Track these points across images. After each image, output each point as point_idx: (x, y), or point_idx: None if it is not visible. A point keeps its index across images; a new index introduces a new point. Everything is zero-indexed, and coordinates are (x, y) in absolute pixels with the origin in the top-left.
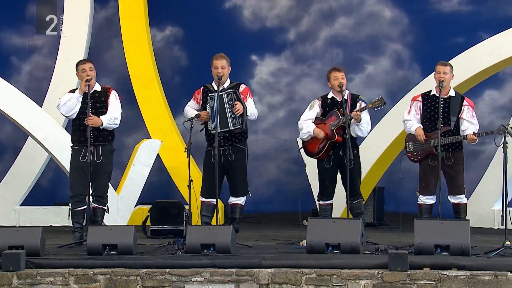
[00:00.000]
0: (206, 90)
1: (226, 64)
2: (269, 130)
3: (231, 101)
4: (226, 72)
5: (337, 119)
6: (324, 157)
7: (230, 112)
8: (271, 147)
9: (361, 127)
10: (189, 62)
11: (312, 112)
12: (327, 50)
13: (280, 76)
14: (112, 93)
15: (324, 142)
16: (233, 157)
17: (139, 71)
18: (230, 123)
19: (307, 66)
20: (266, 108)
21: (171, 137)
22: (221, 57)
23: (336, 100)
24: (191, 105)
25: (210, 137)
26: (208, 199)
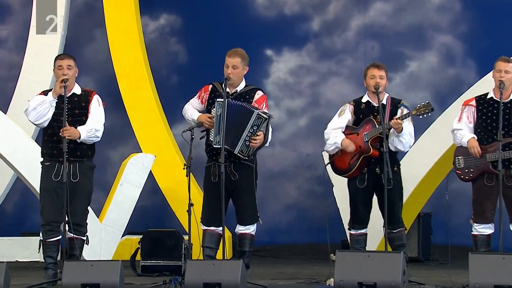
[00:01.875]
0: (214, 90)
1: (240, 63)
2: (288, 142)
3: (256, 127)
4: (239, 73)
5: (372, 129)
6: (356, 175)
7: (247, 137)
8: (291, 163)
9: (402, 139)
10: (189, 58)
11: (342, 119)
12: (359, 43)
13: (301, 75)
14: (94, 98)
15: (357, 157)
16: (237, 176)
17: (127, 69)
18: (238, 147)
19: (335, 63)
20: (284, 115)
21: (166, 150)
22: (234, 53)
23: (372, 105)
24: (193, 104)
25: (211, 150)
26: (212, 228)
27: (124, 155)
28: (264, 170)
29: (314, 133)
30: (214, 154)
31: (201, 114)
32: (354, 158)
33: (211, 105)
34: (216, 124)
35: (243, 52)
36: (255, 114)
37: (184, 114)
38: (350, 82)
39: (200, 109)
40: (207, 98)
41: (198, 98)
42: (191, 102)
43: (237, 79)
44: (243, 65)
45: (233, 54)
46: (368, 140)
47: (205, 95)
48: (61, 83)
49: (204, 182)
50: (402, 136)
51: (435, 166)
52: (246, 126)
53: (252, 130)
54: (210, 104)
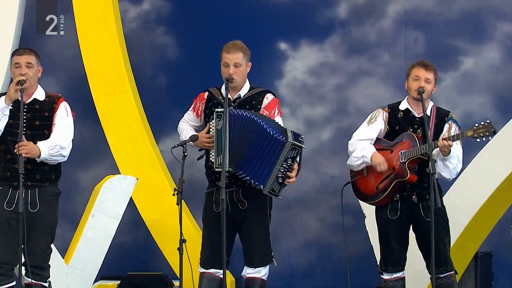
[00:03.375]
0: (211, 98)
1: (242, 58)
2: (308, 161)
3: (290, 161)
4: (243, 72)
5: (412, 147)
6: (386, 202)
7: (280, 172)
8: (311, 188)
9: (449, 164)
10: (180, 53)
11: (372, 128)
12: (399, 34)
13: (324, 76)
14: (61, 106)
15: (389, 180)
16: (246, 205)
17: (102, 67)
18: (269, 185)
19: (367, 60)
20: (302, 126)
21: (151, 171)
22: (234, 47)
23: (412, 114)
24: (188, 119)
25: (213, 173)
26: (212, 270)
27: (97, 178)
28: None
29: (340, 149)
30: (217, 178)
31: (195, 133)
32: (384, 182)
33: (208, 117)
34: (215, 142)
35: (243, 44)
36: (289, 144)
37: (180, 134)
38: (386, 84)
39: (197, 124)
40: (203, 109)
41: (193, 111)
42: (186, 117)
43: (241, 80)
44: (246, 61)
45: (233, 49)
46: (406, 161)
47: (200, 106)
48: (16, 86)
49: (203, 213)
50: (449, 160)
51: (497, 192)
52: (277, 160)
53: (286, 165)
54: (208, 116)
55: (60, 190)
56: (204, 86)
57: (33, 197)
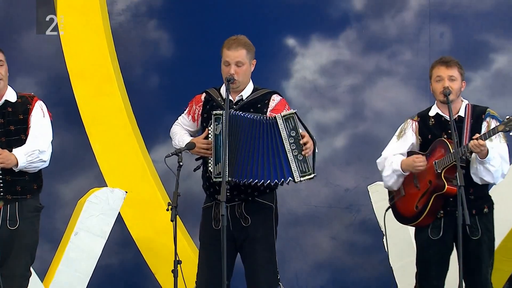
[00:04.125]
0: (210, 100)
1: (245, 56)
2: (319, 172)
3: (294, 132)
4: (246, 71)
5: (446, 154)
6: (428, 222)
7: (295, 151)
8: (323, 203)
9: (489, 166)
10: (175, 49)
11: (402, 143)
12: (422, 29)
13: (337, 75)
14: (36, 106)
15: (427, 196)
16: (250, 221)
17: (86, 66)
18: (297, 173)
19: (387, 57)
20: (313, 133)
21: (142, 183)
22: (236, 43)
23: (444, 119)
24: (183, 124)
25: (212, 184)
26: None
27: (81, 191)
28: (284, 212)
29: (356, 158)
30: (217, 191)
31: (192, 138)
32: (423, 199)
33: (206, 121)
34: (214, 149)
35: (247, 40)
36: (280, 118)
37: (172, 139)
38: (408, 85)
39: (193, 129)
40: (200, 112)
41: (188, 114)
42: (180, 121)
43: (244, 80)
44: (250, 59)
45: (235, 45)
46: (441, 171)
47: (197, 109)
48: None
49: (201, 231)
50: (488, 163)
51: None
52: (282, 142)
53: (293, 140)
54: (206, 120)
55: (42, 204)
56: (202, 87)
57: (12, 212)
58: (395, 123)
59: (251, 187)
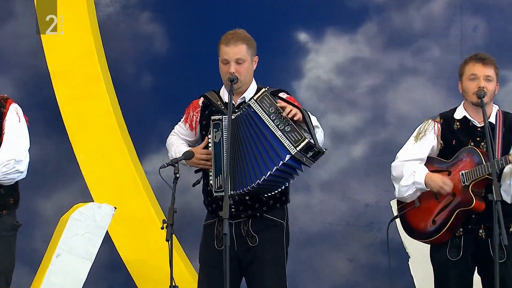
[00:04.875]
0: (208, 105)
1: (246, 52)
2: (335, 185)
3: (273, 108)
4: (248, 69)
5: (476, 165)
6: (446, 239)
7: (282, 126)
8: (339, 220)
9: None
10: (170, 45)
11: (421, 145)
12: (453, 21)
13: (356, 75)
14: (11, 109)
15: (448, 211)
16: (257, 240)
17: (69, 64)
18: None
19: (412, 54)
20: (327, 140)
21: (133, 198)
22: (235, 38)
23: (472, 124)
24: (179, 133)
25: (214, 200)
26: None
27: (63, 207)
28: (296, 230)
29: (377, 169)
30: (220, 207)
31: (190, 149)
32: (443, 213)
33: (206, 129)
34: (213, 159)
35: (246, 34)
36: (254, 103)
37: (168, 150)
38: (436, 86)
39: (191, 139)
40: (198, 119)
41: (185, 122)
42: (176, 131)
43: (246, 79)
44: (252, 55)
45: (234, 40)
46: (469, 184)
47: (194, 116)
48: None
49: (201, 252)
50: None
51: None
52: (266, 124)
53: (274, 116)
54: (205, 128)
55: (19, 222)
56: (202, 88)
57: None
58: None
59: (259, 201)
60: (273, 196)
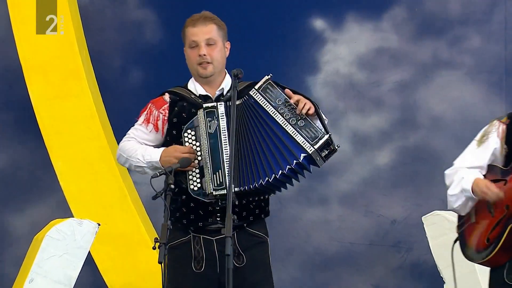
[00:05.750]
0: (178, 100)
1: (217, 33)
2: (356, 198)
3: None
4: (220, 53)
5: None
6: (502, 261)
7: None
8: (362, 239)
9: None
10: (162, 34)
11: (483, 150)
12: (496, 5)
13: (381, 68)
14: None
15: (502, 226)
16: (244, 260)
17: (45, 56)
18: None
19: (447, 44)
20: (348, 145)
21: (120, 213)
22: (204, 17)
23: None
24: (138, 137)
25: (191, 210)
26: None
27: (38, 223)
28: (310, 251)
29: (406, 179)
30: (201, 217)
31: (166, 149)
32: (496, 229)
33: (177, 127)
34: (205, 159)
35: (215, 16)
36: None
37: (127, 158)
38: (476, 81)
39: (154, 143)
40: (166, 117)
41: (147, 123)
42: (132, 135)
43: (220, 65)
44: (223, 38)
45: (202, 19)
46: None
47: (160, 114)
48: None
49: (172, 278)
50: None
51: None
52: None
53: (283, 108)
54: (176, 126)
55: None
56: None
57: None
58: (459, 131)
59: (246, 210)
60: (259, 205)
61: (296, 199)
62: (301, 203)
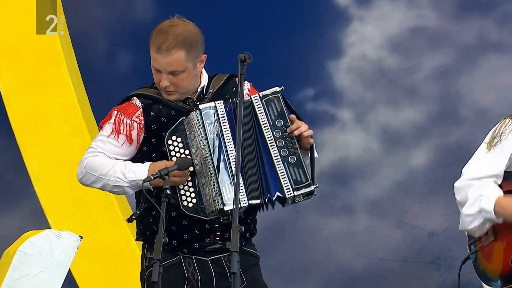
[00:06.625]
0: (152, 104)
1: (185, 60)
2: (387, 206)
3: (280, 121)
4: (187, 79)
5: None
6: None
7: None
8: (393, 255)
9: None
10: (156, 11)
11: (497, 155)
12: None
13: (417, 52)
14: None
15: None
16: (244, 282)
17: (16, 37)
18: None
19: (496, 23)
20: (376, 143)
21: (106, 223)
22: (169, 43)
23: None
24: (107, 151)
25: (183, 229)
26: None
27: (8, 236)
28: (333, 269)
29: (446, 184)
30: (196, 236)
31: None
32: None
33: (157, 136)
34: (211, 163)
35: (187, 33)
36: (258, 99)
37: (100, 177)
38: None
39: (125, 157)
40: (143, 126)
41: (117, 135)
42: (100, 149)
43: (189, 86)
44: (194, 59)
45: (167, 45)
46: None
47: (136, 122)
48: None
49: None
50: None
51: None
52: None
53: (279, 132)
54: (156, 135)
55: None
56: None
57: None
58: None
59: (245, 225)
60: (254, 221)
61: (316, 207)
62: (322, 211)
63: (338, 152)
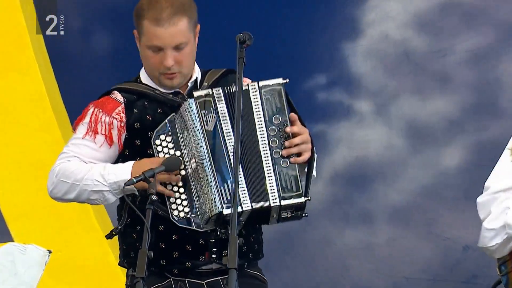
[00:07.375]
0: (135, 100)
1: (188, 29)
2: (413, 214)
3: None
4: (191, 55)
5: None
6: None
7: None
8: (422, 271)
9: None
10: None
11: None
12: None
13: (448, 32)
14: None
15: None
16: None
17: None
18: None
19: None
20: (401, 140)
21: (82, 235)
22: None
23: None
24: (84, 155)
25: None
26: None
27: None
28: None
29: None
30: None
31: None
32: None
33: (142, 135)
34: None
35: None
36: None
37: (75, 184)
38: None
39: (105, 159)
40: (124, 124)
41: (94, 136)
42: (74, 153)
43: (190, 66)
44: (193, 28)
45: (169, 13)
46: None
47: (116, 120)
48: None
49: None
50: None
51: None
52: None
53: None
54: (140, 135)
55: None
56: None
57: None
58: None
59: (248, 242)
60: (258, 240)
61: (328, 215)
62: (335, 220)
63: (355, 151)
